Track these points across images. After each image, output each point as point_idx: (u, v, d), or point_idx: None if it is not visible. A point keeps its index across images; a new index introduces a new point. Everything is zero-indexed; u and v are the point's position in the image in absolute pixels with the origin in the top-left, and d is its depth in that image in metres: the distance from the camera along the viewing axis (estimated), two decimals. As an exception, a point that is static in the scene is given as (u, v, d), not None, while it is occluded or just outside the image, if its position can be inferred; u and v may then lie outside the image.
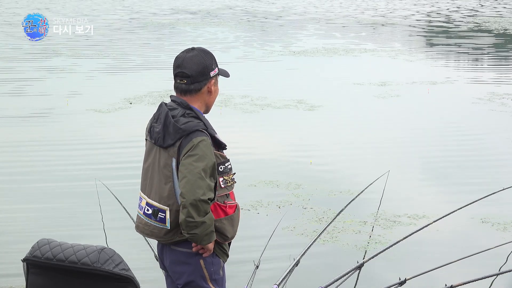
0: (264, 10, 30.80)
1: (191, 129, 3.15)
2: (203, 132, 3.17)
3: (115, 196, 5.56)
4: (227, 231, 3.26)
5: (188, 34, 21.45)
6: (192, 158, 3.10)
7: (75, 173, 7.74)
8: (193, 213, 3.06)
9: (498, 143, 9.27)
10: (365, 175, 7.39)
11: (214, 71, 3.30)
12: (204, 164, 3.10)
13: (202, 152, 3.11)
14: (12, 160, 8.32)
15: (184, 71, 3.25)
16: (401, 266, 5.45)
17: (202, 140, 3.13)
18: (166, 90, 12.05)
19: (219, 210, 3.23)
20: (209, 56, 3.30)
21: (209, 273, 3.27)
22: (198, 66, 3.24)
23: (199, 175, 3.07)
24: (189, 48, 3.32)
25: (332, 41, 19.85)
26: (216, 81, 3.35)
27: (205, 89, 3.29)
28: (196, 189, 3.05)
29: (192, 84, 3.25)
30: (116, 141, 9.13)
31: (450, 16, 29.04)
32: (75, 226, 6.20)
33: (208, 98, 3.32)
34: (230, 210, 3.28)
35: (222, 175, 3.22)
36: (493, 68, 16.22)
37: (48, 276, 2.78)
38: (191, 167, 3.08)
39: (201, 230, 3.09)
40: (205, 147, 3.13)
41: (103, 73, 14.27)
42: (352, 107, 11.42)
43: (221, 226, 3.23)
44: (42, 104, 11.27)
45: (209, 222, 3.12)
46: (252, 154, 8.51)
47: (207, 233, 3.13)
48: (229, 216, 3.27)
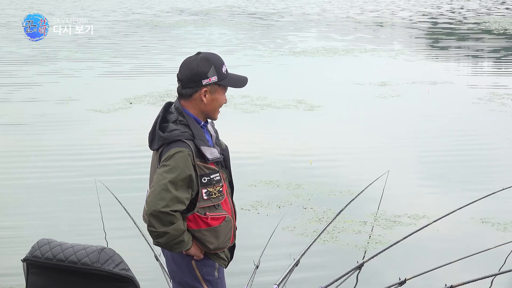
0: (264, 10, 30.81)
1: (172, 138, 3.12)
2: (185, 142, 3.11)
3: (115, 196, 5.56)
4: (209, 242, 3.20)
5: (189, 35, 21.46)
6: (164, 168, 3.08)
7: (75, 173, 7.74)
8: (154, 223, 3.05)
9: (498, 143, 9.27)
10: (365, 175, 7.38)
11: (208, 80, 3.18)
12: (174, 176, 3.06)
13: (175, 163, 3.07)
14: (12, 161, 8.32)
15: (178, 74, 3.24)
16: (401, 266, 5.45)
17: (179, 151, 3.08)
18: (166, 90, 12.06)
19: (199, 221, 3.18)
20: (207, 64, 3.18)
21: (202, 274, 3.26)
22: (189, 71, 3.18)
23: (164, 186, 3.04)
24: (197, 52, 3.26)
25: (332, 41, 19.86)
26: (212, 90, 3.21)
27: (197, 96, 3.20)
28: (158, 200, 3.04)
29: (183, 89, 3.21)
30: (116, 141, 9.14)
31: (450, 16, 29.04)
32: (75, 226, 6.20)
33: (203, 106, 3.22)
34: (213, 222, 3.20)
35: (206, 187, 3.16)
36: (493, 68, 16.22)
37: (48, 276, 2.78)
38: (160, 177, 3.07)
39: (165, 239, 3.08)
40: (180, 158, 3.07)
41: (103, 73, 14.27)
42: (352, 107, 11.42)
43: (201, 236, 3.19)
44: (42, 104, 11.27)
45: (174, 233, 3.08)
46: (252, 154, 8.52)
47: (176, 242, 3.11)
48: (212, 227, 3.20)
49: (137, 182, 7.04)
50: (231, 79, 3.29)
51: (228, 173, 3.38)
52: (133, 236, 5.37)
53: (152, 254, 4.61)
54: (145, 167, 3.60)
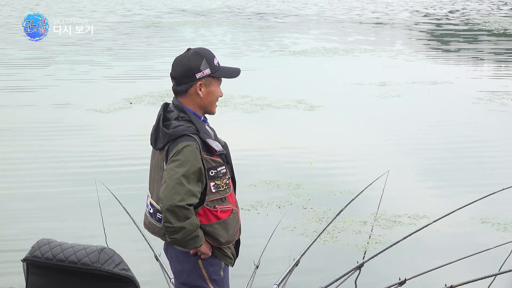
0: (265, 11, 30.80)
1: (178, 133, 3.14)
2: (190, 136, 3.14)
3: (115, 196, 5.56)
4: (220, 235, 3.22)
5: (189, 35, 21.47)
6: (174, 163, 3.09)
7: (75, 173, 7.74)
8: (171, 219, 3.05)
9: (498, 143, 9.27)
10: (365, 175, 7.39)
11: (201, 73, 3.22)
12: (185, 169, 3.07)
13: (185, 157, 3.09)
14: (12, 162, 8.32)
15: (171, 72, 3.27)
16: (401, 266, 5.44)
17: (187, 145, 3.10)
18: (166, 90, 12.06)
19: (209, 214, 3.20)
20: (198, 57, 3.22)
21: (208, 273, 3.26)
22: (181, 67, 3.21)
23: (178, 180, 3.05)
24: (188, 49, 3.31)
25: (332, 41, 19.85)
26: (207, 83, 3.25)
27: (192, 91, 3.23)
28: (173, 194, 3.04)
29: (178, 86, 3.24)
30: (117, 141, 9.14)
31: (450, 16, 29.04)
32: (75, 226, 6.20)
33: (199, 100, 3.25)
34: (222, 215, 3.23)
35: (214, 180, 3.19)
36: (493, 68, 16.22)
37: (48, 276, 2.78)
38: (172, 172, 3.07)
39: (182, 235, 3.08)
40: (189, 152, 3.10)
41: (103, 73, 14.27)
42: (352, 107, 11.43)
43: (212, 230, 3.20)
44: (42, 104, 11.27)
45: (190, 228, 3.09)
46: (252, 154, 8.51)
47: (191, 238, 3.11)
48: (222, 220, 3.23)
49: (138, 182, 7.04)
50: (223, 71, 3.32)
51: (230, 169, 3.39)
52: (133, 236, 5.37)
53: (152, 254, 4.61)
54: (145, 167, 3.59)
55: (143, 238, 4.71)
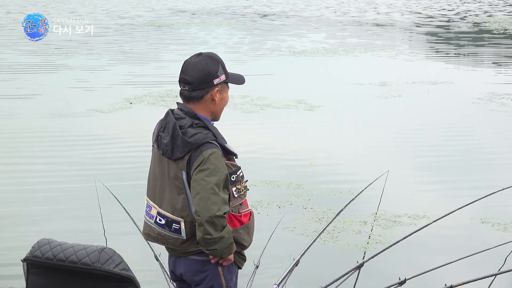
0: (264, 10, 30.80)
1: (200, 141, 3.03)
2: (212, 143, 3.05)
3: (115, 196, 5.56)
4: (244, 240, 3.21)
5: (189, 35, 21.45)
6: (203, 173, 2.99)
7: (75, 173, 7.74)
8: (211, 230, 2.98)
9: (498, 143, 9.27)
10: (365, 175, 7.39)
11: (218, 79, 3.15)
12: (217, 178, 3.00)
13: (213, 165, 3.00)
14: (12, 162, 8.32)
15: (186, 77, 3.14)
16: (401, 266, 5.45)
17: (212, 152, 3.02)
18: (166, 90, 12.06)
19: (234, 220, 3.16)
20: (215, 62, 3.15)
21: (226, 281, 3.21)
22: (200, 73, 3.11)
23: (212, 190, 2.97)
24: (197, 53, 3.20)
25: (332, 41, 19.85)
26: (222, 89, 3.19)
27: (208, 97, 3.15)
28: (210, 205, 2.96)
29: (193, 91, 3.13)
30: (116, 141, 9.13)
31: (450, 16, 29.04)
32: (75, 226, 6.20)
33: (213, 107, 3.18)
34: (245, 219, 3.22)
35: (235, 184, 3.14)
36: (493, 68, 16.21)
37: (48, 276, 2.78)
38: (204, 182, 2.98)
39: (221, 245, 3.03)
40: (216, 159, 3.01)
41: (103, 73, 14.27)
42: (352, 107, 11.43)
43: (237, 236, 3.18)
44: (42, 104, 11.27)
45: (227, 236, 3.04)
46: (252, 154, 8.51)
47: (227, 246, 3.07)
48: (245, 225, 3.22)
49: (137, 182, 7.03)
50: (234, 77, 3.29)
51: None
52: (133, 236, 5.36)
53: (152, 254, 4.61)
54: (145, 167, 3.58)
55: (143, 238, 4.70)
